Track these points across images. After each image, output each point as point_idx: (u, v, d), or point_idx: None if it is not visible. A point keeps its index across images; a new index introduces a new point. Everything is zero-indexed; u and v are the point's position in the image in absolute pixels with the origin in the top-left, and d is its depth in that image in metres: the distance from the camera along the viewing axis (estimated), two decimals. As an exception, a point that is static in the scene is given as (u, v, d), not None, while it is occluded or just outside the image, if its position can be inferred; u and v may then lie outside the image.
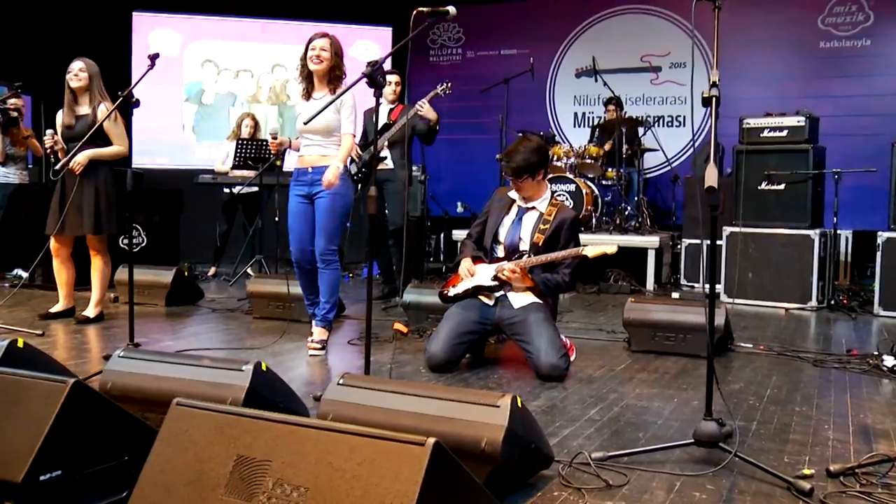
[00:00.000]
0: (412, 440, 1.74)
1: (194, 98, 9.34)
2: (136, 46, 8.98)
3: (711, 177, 2.58)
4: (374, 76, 3.17)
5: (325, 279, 4.40)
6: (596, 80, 8.11)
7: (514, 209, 4.19)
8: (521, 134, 7.30)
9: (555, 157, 7.81)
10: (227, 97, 9.39)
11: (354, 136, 4.41)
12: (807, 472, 2.51)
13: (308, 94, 4.37)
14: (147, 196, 7.29)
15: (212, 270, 7.78)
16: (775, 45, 8.64)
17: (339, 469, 1.77)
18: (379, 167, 6.03)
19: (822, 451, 2.81)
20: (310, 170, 4.35)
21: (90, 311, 5.13)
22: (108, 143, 4.99)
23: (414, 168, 6.71)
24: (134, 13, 9.05)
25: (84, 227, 4.96)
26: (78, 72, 4.95)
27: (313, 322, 4.53)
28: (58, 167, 4.81)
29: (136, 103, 4.06)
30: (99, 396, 2.28)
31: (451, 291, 4.23)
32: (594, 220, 7.76)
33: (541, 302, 4.06)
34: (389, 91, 6.20)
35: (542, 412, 3.23)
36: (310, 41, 4.28)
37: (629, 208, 7.93)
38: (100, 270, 5.14)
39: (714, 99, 2.67)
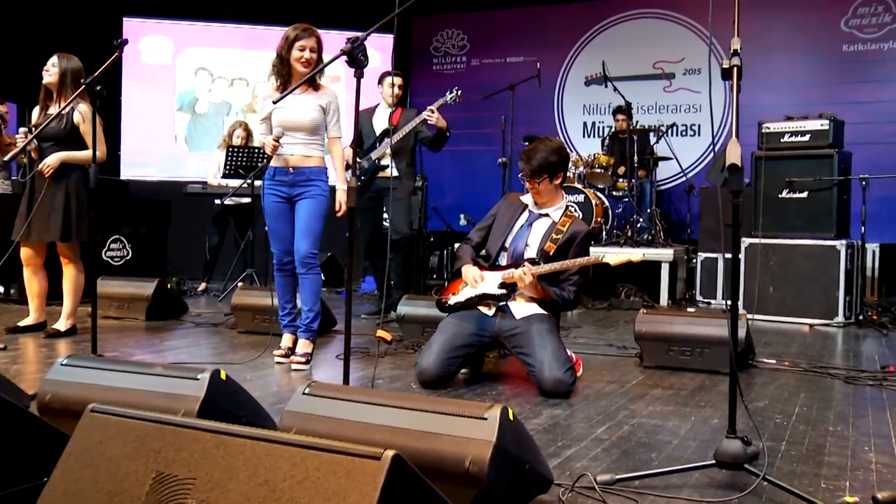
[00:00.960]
0: (366, 453, 1.44)
1: (187, 107, 9.10)
2: (127, 53, 8.72)
3: (734, 153, 2.24)
4: (355, 53, 2.95)
5: (307, 286, 4.10)
6: (606, 87, 7.78)
7: (525, 215, 3.93)
8: (526, 141, 7.04)
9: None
10: (221, 106, 9.16)
11: (340, 138, 4.19)
12: (849, 499, 2.23)
13: (284, 89, 4.02)
14: (133, 207, 7.06)
15: (202, 285, 7.47)
16: (795, 49, 8.32)
17: (276, 489, 1.47)
18: (380, 175, 5.79)
19: (864, 475, 2.49)
20: (291, 170, 4.08)
21: (61, 324, 4.80)
22: (84, 145, 4.72)
23: (414, 176, 6.43)
24: (124, 19, 8.84)
25: (51, 233, 4.66)
26: (50, 66, 4.69)
27: (285, 333, 4.28)
28: (6, 158, 4.52)
29: (102, 93, 3.83)
30: (12, 406, 1.97)
31: (453, 300, 3.91)
32: (604, 233, 7.45)
33: (545, 313, 3.76)
34: (390, 94, 5.98)
35: (543, 430, 2.94)
36: (295, 39, 3.96)
37: (641, 220, 7.59)
38: (72, 280, 4.81)
39: (735, 69, 2.35)
